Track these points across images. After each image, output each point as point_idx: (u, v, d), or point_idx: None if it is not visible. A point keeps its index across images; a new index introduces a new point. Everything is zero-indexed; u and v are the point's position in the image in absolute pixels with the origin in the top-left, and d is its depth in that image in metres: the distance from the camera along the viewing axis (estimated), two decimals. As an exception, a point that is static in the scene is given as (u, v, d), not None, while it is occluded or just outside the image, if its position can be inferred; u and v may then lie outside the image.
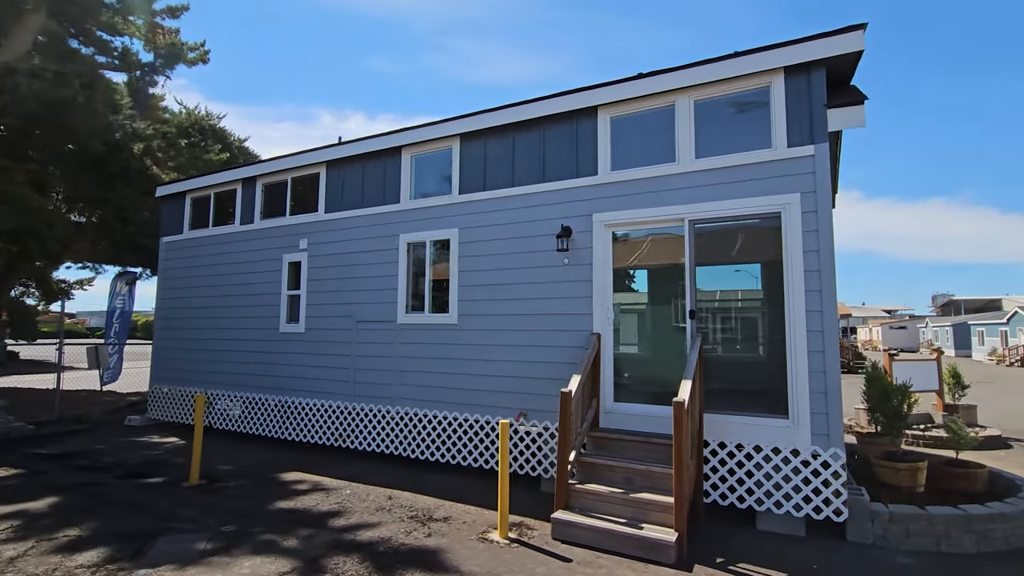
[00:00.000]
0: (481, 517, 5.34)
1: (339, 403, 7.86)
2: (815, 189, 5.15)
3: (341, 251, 8.17)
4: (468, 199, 7.13)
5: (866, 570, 4.29)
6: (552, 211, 6.51)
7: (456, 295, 7.06)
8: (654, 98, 6.01)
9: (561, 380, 6.20)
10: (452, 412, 6.92)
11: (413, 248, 7.60)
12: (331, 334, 8.10)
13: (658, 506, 4.71)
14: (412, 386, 7.28)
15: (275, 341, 8.67)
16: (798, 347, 5.09)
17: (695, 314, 5.65)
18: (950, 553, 4.61)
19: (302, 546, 4.55)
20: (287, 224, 8.82)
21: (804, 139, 5.25)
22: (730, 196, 5.52)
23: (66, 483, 6.28)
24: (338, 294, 8.11)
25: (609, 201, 6.16)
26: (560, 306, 6.34)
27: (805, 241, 5.14)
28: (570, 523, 4.76)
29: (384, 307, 7.65)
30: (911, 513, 4.73)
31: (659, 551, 4.37)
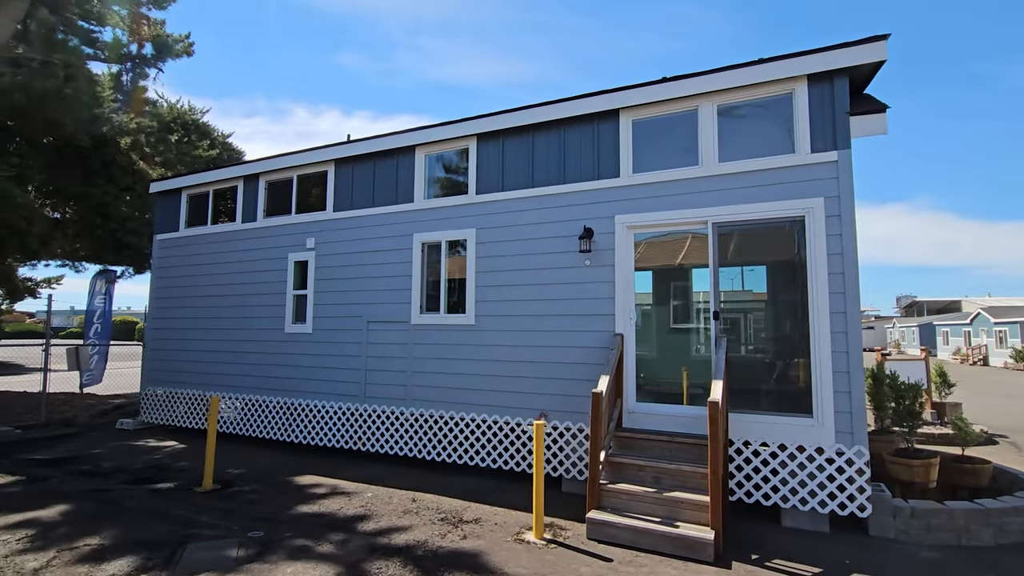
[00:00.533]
0: (511, 518, 5.34)
1: (349, 405, 7.74)
2: (839, 194, 5.29)
3: (351, 250, 8.05)
4: (486, 199, 7.10)
5: (894, 564, 4.43)
6: (573, 212, 6.54)
7: (473, 296, 7.03)
8: (677, 102, 6.10)
9: (582, 381, 6.24)
10: (469, 413, 6.89)
11: (428, 248, 7.54)
12: (340, 335, 7.97)
13: (692, 504, 4.78)
14: (427, 387, 7.22)
15: (280, 342, 8.50)
16: (822, 347, 5.22)
17: (719, 315, 5.75)
18: (969, 546, 4.80)
19: (339, 551, 4.47)
20: (293, 223, 8.65)
21: (827, 145, 5.39)
22: (754, 199, 5.63)
23: (72, 490, 6.04)
24: (348, 294, 7.99)
25: (632, 203, 6.22)
26: (581, 307, 6.37)
27: (829, 244, 5.28)
28: (607, 523, 4.79)
29: (397, 307, 7.57)
30: (932, 508, 4.90)
31: (698, 549, 4.44)
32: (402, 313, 7.52)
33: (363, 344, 7.76)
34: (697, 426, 5.70)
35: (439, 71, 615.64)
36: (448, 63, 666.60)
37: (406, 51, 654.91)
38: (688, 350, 7.78)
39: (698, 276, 7.63)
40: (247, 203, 9.18)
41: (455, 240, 7.28)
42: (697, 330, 7.68)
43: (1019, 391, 18.38)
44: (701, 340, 7.64)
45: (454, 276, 7.32)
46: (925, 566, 4.40)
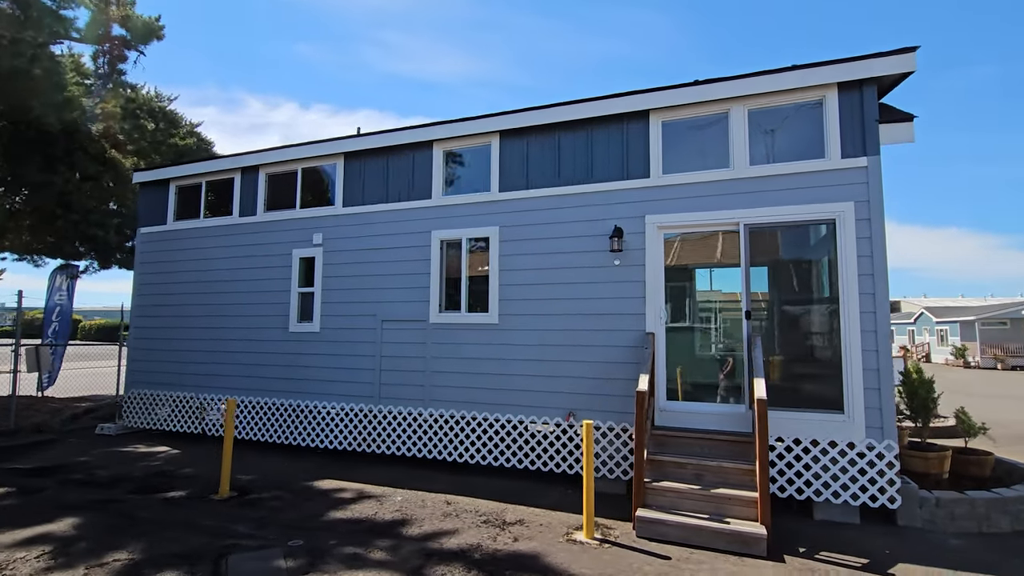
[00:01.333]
0: (553, 519, 5.30)
1: (362, 406, 7.51)
2: (868, 198, 5.50)
3: (363, 247, 7.81)
4: (509, 197, 7.03)
5: (928, 552, 4.65)
6: (601, 212, 6.55)
7: (497, 294, 6.94)
8: (708, 105, 6.20)
9: (610, 380, 6.27)
10: (493, 413, 6.81)
11: (447, 246, 7.39)
12: (351, 334, 7.72)
13: (740, 500, 4.88)
14: (447, 387, 7.09)
15: (284, 341, 8.16)
16: (853, 346, 5.43)
17: (751, 315, 5.88)
18: (989, 533, 5.09)
19: (393, 557, 4.33)
20: (297, 217, 8.32)
21: (857, 151, 5.60)
22: (785, 202, 5.79)
23: (74, 501, 5.61)
24: (359, 292, 7.75)
25: (663, 204, 6.29)
26: (609, 306, 6.39)
27: (859, 247, 5.49)
28: (657, 521, 4.82)
29: (414, 306, 7.39)
30: (955, 498, 5.17)
31: (751, 544, 4.53)
32: (419, 312, 7.35)
33: (377, 344, 7.54)
34: (727, 423, 5.82)
35: (402, 66, 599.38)
36: (410, 58, 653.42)
37: (368, 44, 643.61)
38: (692, 349, 7.94)
39: (701, 276, 7.80)
40: (245, 196, 8.77)
41: (477, 238, 7.17)
42: (704, 330, 7.86)
43: (966, 387, 19.67)
44: (711, 339, 7.82)
45: (475, 274, 7.21)
46: (957, 552, 4.64)
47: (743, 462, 5.24)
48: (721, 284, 7.35)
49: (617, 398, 6.25)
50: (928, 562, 4.42)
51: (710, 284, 7.52)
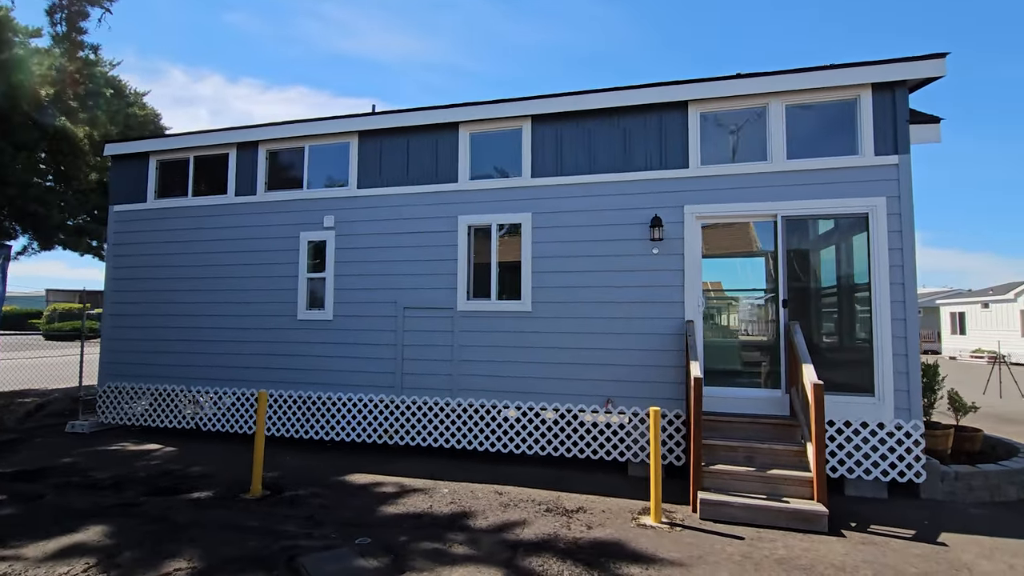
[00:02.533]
0: (612, 505, 5.34)
1: (382, 396, 7.23)
2: (899, 194, 5.84)
3: (381, 231, 7.46)
4: (542, 183, 6.93)
5: (958, 521, 5.05)
6: (637, 200, 6.59)
7: (530, 281, 6.85)
8: (747, 99, 6.35)
9: (647, 367, 6.36)
10: (526, 402, 6.75)
11: (475, 231, 7.20)
12: (369, 322, 7.39)
13: (794, 480, 5.10)
14: (476, 376, 6.94)
15: (291, 330, 7.69)
16: (883, 333, 5.78)
17: (787, 303, 6.13)
18: (1001, 501, 5.61)
19: (477, 551, 4.21)
20: (305, 198, 7.83)
21: (889, 149, 5.92)
22: (821, 196, 6.05)
23: (88, 507, 5.07)
24: (378, 278, 7.42)
25: (701, 194, 6.40)
26: (647, 294, 6.47)
27: (890, 240, 5.83)
28: (722, 503, 4.96)
29: (439, 293, 7.16)
30: (971, 471, 5.66)
31: (813, 521, 4.75)
32: (446, 299, 7.13)
33: (398, 332, 7.26)
34: (764, 407, 6.06)
35: (343, 43, 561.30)
36: (353, 35, 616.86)
37: (307, 17, 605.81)
38: (722, 336, 8.20)
39: (707, 266, 8.04)
40: (243, 174, 8.14)
41: (508, 224, 7.03)
42: (729, 318, 8.13)
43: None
44: (736, 327, 8.10)
45: (505, 261, 7.08)
46: (982, 520, 5.07)
47: (790, 444, 5.48)
48: (710, 275, 7.60)
49: (654, 384, 6.35)
50: (965, 530, 4.81)
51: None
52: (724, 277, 8.07)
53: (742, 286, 7.11)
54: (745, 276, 8.64)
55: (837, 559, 4.17)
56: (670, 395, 6.31)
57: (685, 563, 4.05)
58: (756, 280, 6.67)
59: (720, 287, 8.01)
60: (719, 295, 7.86)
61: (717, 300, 7.88)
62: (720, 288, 7.98)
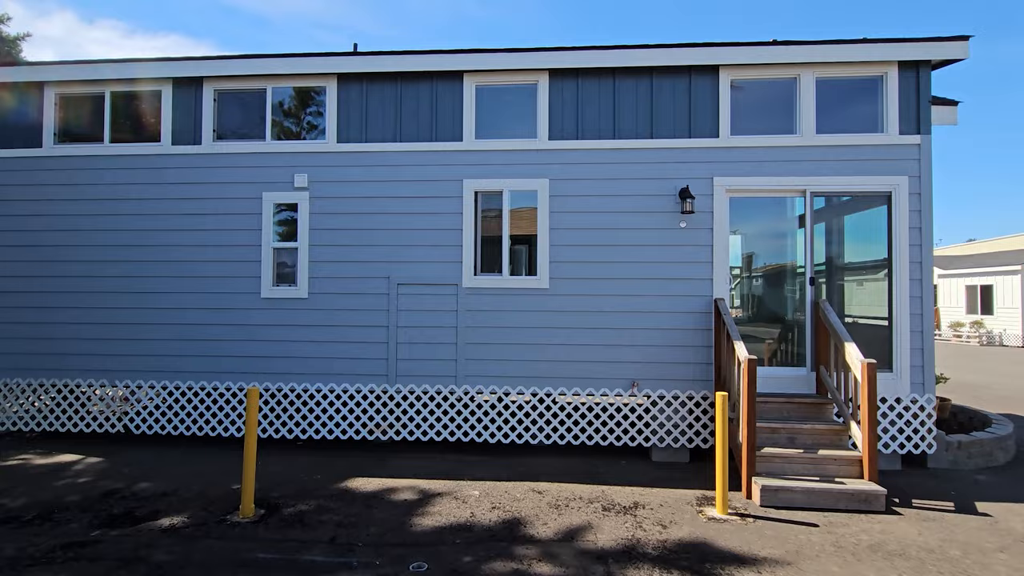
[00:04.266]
0: (665, 497, 4.96)
1: (372, 386, 6.27)
2: (920, 174, 5.93)
3: (367, 194, 6.38)
4: (561, 147, 6.25)
5: (976, 489, 5.29)
6: (664, 170, 6.16)
7: (547, 255, 6.20)
8: (779, 68, 6.09)
9: (675, 347, 6.05)
10: (544, 387, 6.16)
11: (483, 198, 6.37)
12: (354, 300, 6.34)
13: (843, 460, 5.04)
14: (485, 360, 6.22)
15: (253, 310, 6.42)
16: (902, 311, 5.90)
17: (815, 281, 6.06)
18: (993, 466, 6.01)
19: (565, 569, 3.61)
20: (269, 152, 6.48)
21: (911, 129, 5.97)
22: (847, 172, 5.99)
23: (16, 553, 3.74)
24: (364, 249, 6.36)
25: (730, 166, 6.10)
26: (675, 271, 6.11)
27: (911, 219, 5.92)
28: (783, 488, 4.76)
29: (440, 267, 6.29)
30: (970, 440, 6.00)
31: (872, 501, 4.70)
32: (448, 274, 6.28)
33: (391, 312, 6.30)
34: (790, 385, 6.00)
35: None
36: None
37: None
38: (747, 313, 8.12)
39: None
40: (181, 118, 6.57)
41: (522, 191, 6.29)
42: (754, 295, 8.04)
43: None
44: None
45: (518, 233, 6.35)
46: (996, 487, 5.36)
47: (827, 423, 5.44)
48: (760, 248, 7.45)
49: (682, 365, 6.05)
50: (992, 498, 5.03)
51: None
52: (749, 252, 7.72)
53: (766, 261, 6.95)
54: (769, 251, 8.24)
55: (919, 540, 4.11)
56: (697, 376, 6.05)
57: (790, 560, 3.76)
58: (779, 256, 6.56)
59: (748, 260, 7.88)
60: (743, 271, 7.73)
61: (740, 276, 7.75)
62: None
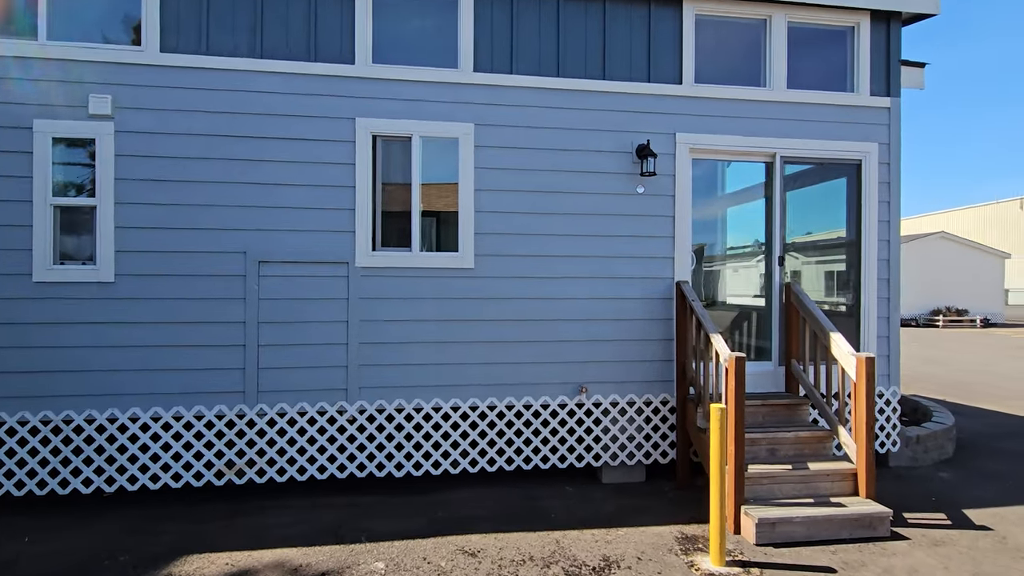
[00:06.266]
0: (638, 541, 3.75)
1: (220, 409, 4.38)
2: (889, 142, 5.29)
3: (211, 131, 4.40)
4: (490, 82, 4.74)
5: (945, 491, 4.75)
6: (618, 121, 4.92)
7: (472, 226, 4.70)
8: (750, 3, 5.09)
9: (631, 342, 4.91)
10: (468, 398, 4.69)
11: (385, 146, 4.69)
12: (191, 285, 4.37)
13: (836, 475, 4.19)
14: (388, 366, 4.60)
15: (23, 300, 4.18)
16: (870, 294, 5.26)
17: (784, 260, 5.21)
18: (946, 459, 5.65)
19: None
20: (43, 58, 4.22)
21: (882, 90, 5.31)
22: (818, 136, 5.19)
23: None
24: (206, 212, 4.39)
25: (695, 121, 5.02)
26: (631, 247, 4.93)
27: (880, 192, 5.28)
28: (781, 520, 3.77)
29: (323, 239, 4.53)
30: (926, 433, 5.56)
31: (876, 526, 3.89)
32: (335, 248, 4.54)
33: (249, 302, 4.43)
34: (757, 383, 5.13)
35: None
36: None
37: None
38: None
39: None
40: None
41: (437, 137, 4.69)
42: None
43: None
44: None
45: (434, 194, 4.78)
46: (964, 486, 4.88)
47: (806, 427, 4.60)
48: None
49: (638, 364, 4.92)
50: (971, 504, 4.48)
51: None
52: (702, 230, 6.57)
53: (724, 239, 5.96)
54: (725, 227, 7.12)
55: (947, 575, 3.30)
56: (655, 376, 4.95)
57: (839, 644, 2.70)
58: (739, 233, 5.69)
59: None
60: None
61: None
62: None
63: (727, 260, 5.76)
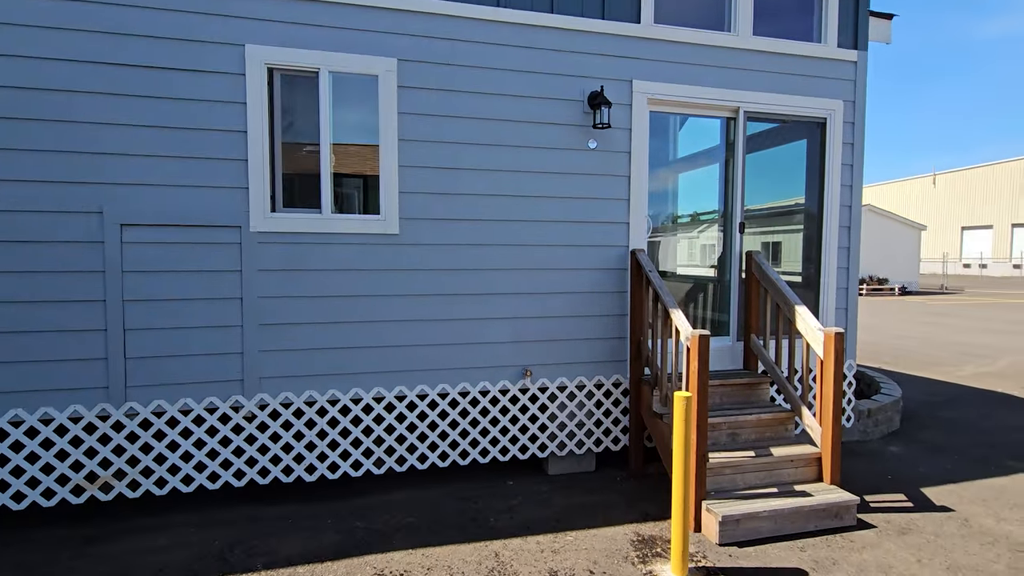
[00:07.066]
0: (593, 549, 3.26)
1: (76, 409, 3.49)
2: (855, 99, 4.92)
3: (48, 53, 3.37)
4: (416, 7, 3.92)
5: (899, 468, 4.59)
6: (569, 63, 4.24)
7: (395, 183, 3.93)
8: (715, -66, 4.48)
9: (581, 317, 4.37)
10: (394, 386, 4.01)
11: (286, 82, 3.80)
12: (27, 254, 3.40)
13: (800, 460, 3.86)
14: (294, 352, 3.83)
15: None
16: (830, 263, 4.95)
17: (744, 227, 4.77)
18: (894, 431, 5.54)
19: None
20: None
21: (849, 42, 4.89)
22: (783, 90, 4.73)
23: None
24: (46, 160, 3.39)
25: (654, 67, 4.41)
26: (582, 210, 4.33)
27: (843, 154, 4.91)
28: (746, 516, 3.38)
29: (207, 197, 3.64)
30: (876, 406, 5.41)
31: (843, 516, 3.59)
32: (223, 208, 3.66)
33: (110, 275, 3.50)
34: (722, 360, 4.75)
35: None
36: None
37: None
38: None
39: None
40: None
41: (350, 73, 3.85)
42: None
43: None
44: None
45: (347, 144, 3.96)
46: (914, 462, 4.73)
47: (767, 408, 4.25)
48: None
49: (588, 342, 4.39)
50: (926, 482, 4.32)
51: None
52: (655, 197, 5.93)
53: (676, 206, 5.40)
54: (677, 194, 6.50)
55: (922, 571, 3.02)
56: (607, 356, 4.44)
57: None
58: (694, 200, 5.18)
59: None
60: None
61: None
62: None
63: (680, 229, 5.28)
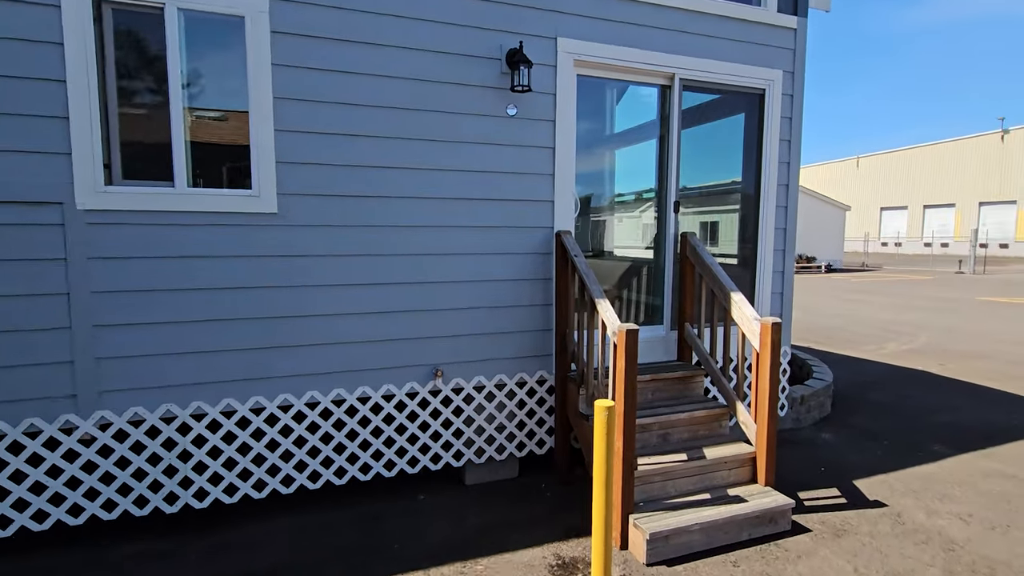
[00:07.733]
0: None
1: None
2: (793, 70, 4.60)
3: None
4: (290, -67, 3.19)
5: (831, 458, 4.46)
6: (484, 14, 3.64)
7: (272, 151, 3.24)
8: None
9: (499, 309, 3.88)
10: (277, 394, 3.38)
11: (120, 18, 3.00)
12: None
13: (734, 462, 3.56)
14: (148, 356, 3.12)
15: None
16: (766, 247, 4.67)
17: (679, 207, 4.39)
18: (825, 416, 5.43)
19: None
20: None
21: (789, 7, 4.54)
22: (721, 56, 4.33)
23: None
24: None
25: (582, 24, 3.89)
26: (500, 186, 3.79)
27: (781, 128, 4.61)
28: (676, 531, 3.02)
29: (13, 163, 2.83)
30: (810, 392, 5.26)
31: (778, 521, 3.32)
32: (36, 179, 2.87)
33: None
34: (654, 351, 4.39)
35: None
36: None
37: None
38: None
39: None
40: None
41: (207, 13, 3.09)
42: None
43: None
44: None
45: (206, 107, 3.21)
46: (845, 449, 4.62)
47: (700, 403, 3.92)
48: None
49: (508, 336, 3.90)
50: (858, 472, 4.17)
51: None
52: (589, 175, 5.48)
53: (612, 186, 4.92)
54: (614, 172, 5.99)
55: (870, 593, 2.77)
56: (529, 350, 3.98)
57: None
58: (630, 179, 4.73)
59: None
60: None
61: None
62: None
63: (619, 208, 4.84)
